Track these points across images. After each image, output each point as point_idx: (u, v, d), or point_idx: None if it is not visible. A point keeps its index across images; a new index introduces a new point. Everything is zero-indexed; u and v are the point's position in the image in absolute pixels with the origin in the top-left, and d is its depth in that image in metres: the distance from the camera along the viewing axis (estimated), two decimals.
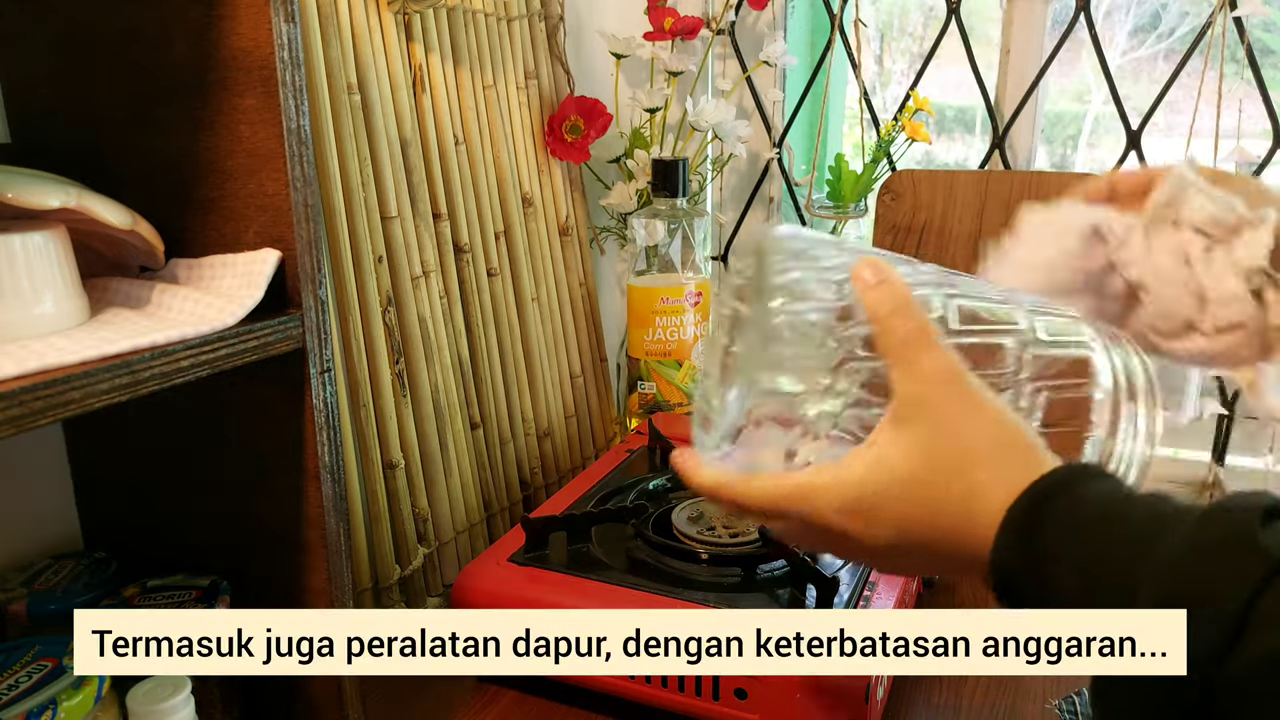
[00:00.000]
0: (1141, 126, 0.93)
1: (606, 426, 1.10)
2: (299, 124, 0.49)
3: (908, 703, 0.67)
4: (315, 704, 0.58)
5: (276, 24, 0.47)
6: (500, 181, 0.91)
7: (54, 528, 0.65)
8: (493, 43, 0.90)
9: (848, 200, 1.02)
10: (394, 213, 0.77)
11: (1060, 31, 0.94)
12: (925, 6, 1.10)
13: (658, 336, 0.99)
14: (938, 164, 1.12)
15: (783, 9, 1.06)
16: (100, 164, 0.54)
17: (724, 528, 0.73)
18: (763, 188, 1.12)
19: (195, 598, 0.56)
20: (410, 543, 0.79)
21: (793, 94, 1.10)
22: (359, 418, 0.75)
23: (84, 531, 0.66)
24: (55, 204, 0.43)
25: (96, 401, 0.40)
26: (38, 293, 0.44)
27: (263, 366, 0.49)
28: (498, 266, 0.91)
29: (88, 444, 0.64)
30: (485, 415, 0.89)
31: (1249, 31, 0.86)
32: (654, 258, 0.99)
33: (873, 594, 0.65)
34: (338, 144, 0.72)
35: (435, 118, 0.83)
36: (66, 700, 0.45)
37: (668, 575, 0.68)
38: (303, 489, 0.53)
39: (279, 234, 0.50)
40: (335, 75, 0.71)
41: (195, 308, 0.47)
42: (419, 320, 0.80)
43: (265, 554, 0.57)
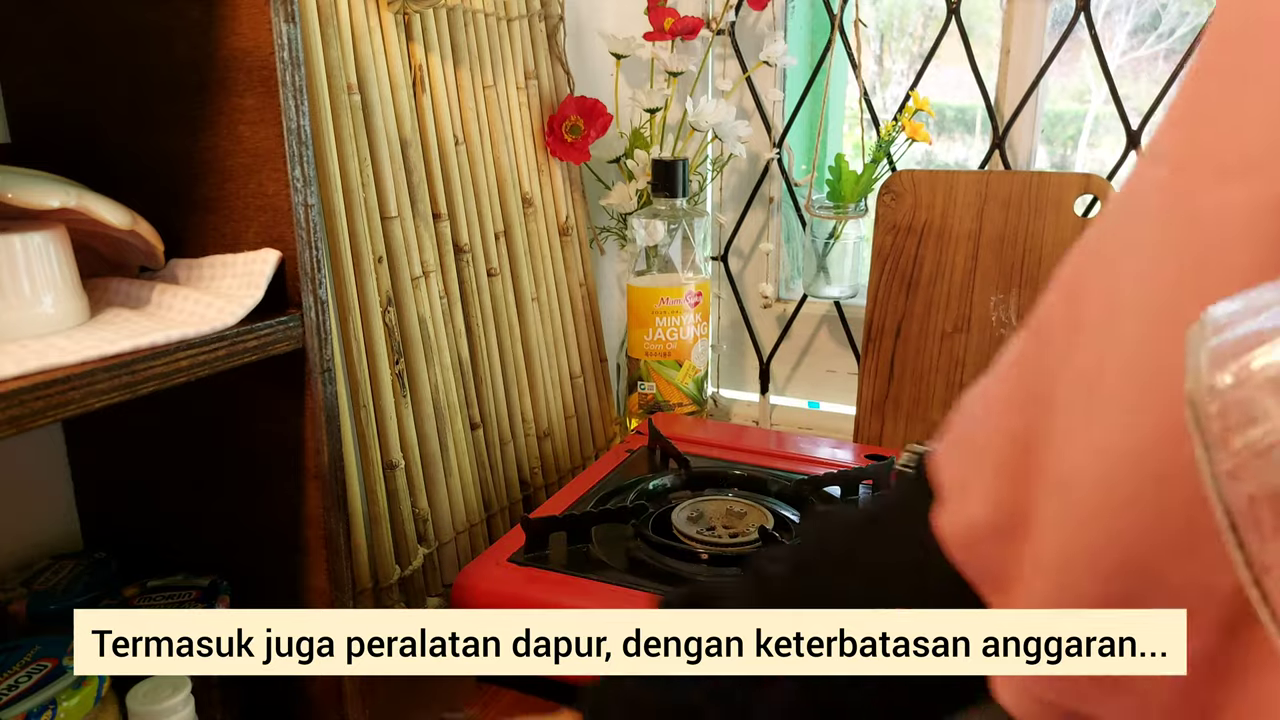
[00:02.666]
0: (1141, 126, 0.93)
1: (606, 426, 1.10)
2: (299, 124, 0.49)
3: None
4: (315, 704, 0.58)
5: (276, 24, 0.47)
6: (500, 181, 0.91)
7: (54, 528, 0.65)
8: (493, 43, 0.90)
9: (848, 200, 1.02)
10: (394, 213, 0.77)
11: (1060, 31, 0.94)
12: (925, 6, 1.10)
13: (658, 337, 0.99)
14: (938, 164, 1.12)
15: (783, 9, 1.06)
16: (100, 164, 0.54)
17: (724, 528, 0.73)
18: (763, 188, 1.12)
19: (195, 598, 0.56)
20: (410, 543, 0.79)
21: (793, 94, 1.10)
22: (359, 418, 0.75)
23: (84, 531, 0.66)
24: (55, 204, 0.43)
25: (96, 401, 0.40)
26: (38, 293, 0.44)
27: (263, 366, 0.49)
28: (498, 266, 0.91)
29: (88, 444, 0.64)
30: (485, 415, 0.89)
31: None
32: (654, 258, 0.99)
33: None
34: (338, 144, 0.72)
35: (435, 118, 0.83)
36: (66, 700, 0.45)
37: (668, 575, 0.68)
38: (303, 489, 0.53)
39: (279, 234, 0.50)
40: (335, 75, 0.71)
41: (195, 308, 0.47)
42: (419, 320, 0.80)
43: (265, 554, 0.57)
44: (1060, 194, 0.93)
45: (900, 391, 1.02)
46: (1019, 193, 0.95)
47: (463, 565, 0.73)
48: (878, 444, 1.03)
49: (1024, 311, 0.95)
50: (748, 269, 1.17)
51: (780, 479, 0.82)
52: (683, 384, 1.01)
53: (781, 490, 0.81)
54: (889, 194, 1.00)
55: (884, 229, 1.01)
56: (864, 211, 1.03)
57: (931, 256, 0.99)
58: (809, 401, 1.19)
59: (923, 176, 0.99)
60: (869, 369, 1.03)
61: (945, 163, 1.12)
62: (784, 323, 1.15)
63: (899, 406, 1.02)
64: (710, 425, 1.01)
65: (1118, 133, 0.94)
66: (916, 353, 1.01)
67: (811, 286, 1.07)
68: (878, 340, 1.02)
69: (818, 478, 0.81)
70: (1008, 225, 0.96)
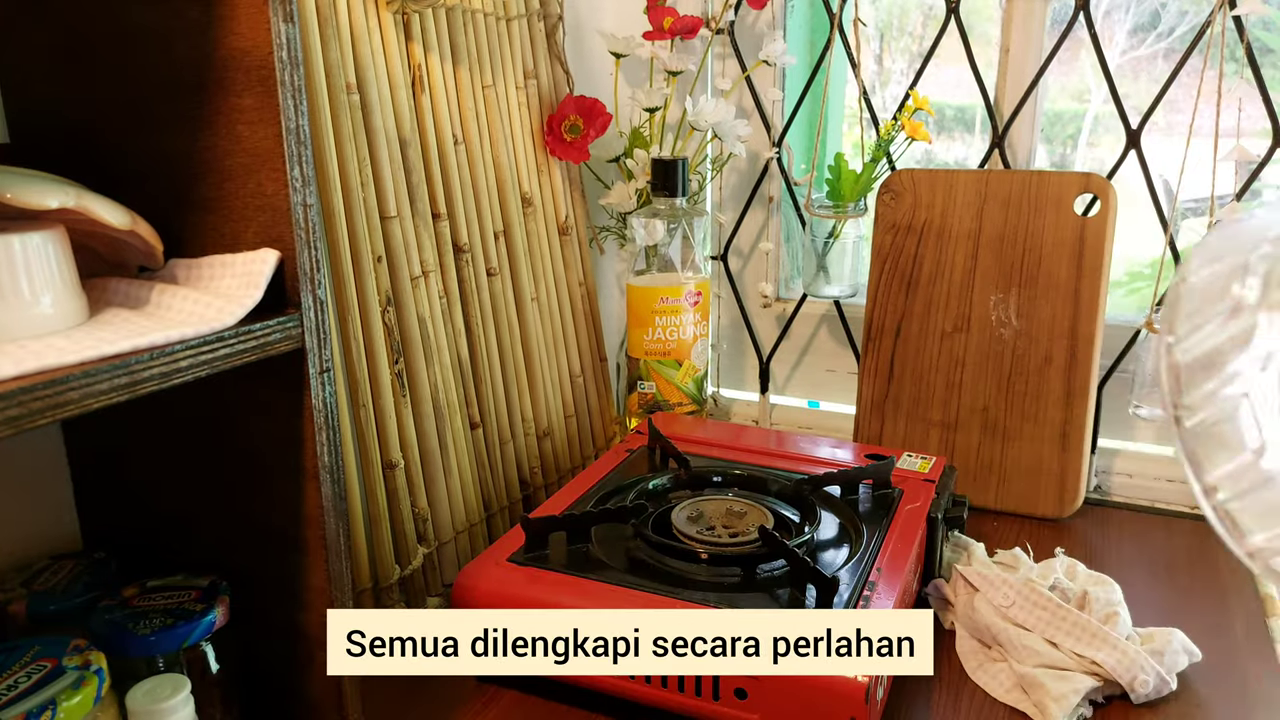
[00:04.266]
0: (1141, 126, 0.93)
1: (606, 426, 1.10)
2: (298, 124, 0.49)
3: (908, 703, 0.67)
4: (315, 704, 0.58)
5: (275, 24, 0.47)
6: (500, 181, 0.91)
7: (54, 528, 0.65)
8: (492, 43, 0.90)
9: (847, 199, 1.02)
10: (393, 213, 0.77)
11: (1060, 31, 0.94)
12: (925, 6, 1.09)
13: (657, 336, 0.99)
14: (938, 163, 1.12)
15: (782, 8, 1.06)
16: (100, 164, 0.54)
17: (724, 528, 0.73)
18: (762, 187, 1.12)
19: (195, 598, 0.56)
20: (410, 543, 0.79)
21: (792, 93, 1.10)
22: (359, 418, 0.75)
23: (84, 531, 0.66)
24: (55, 204, 0.43)
25: (96, 402, 0.40)
26: (37, 293, 0.44)
27: (262, 366, 0.49)
28: (497, 266, 0.91)
29: (88, 444, 0.64)
30: (485, 415, 0.89)
31: (1248, 30, 0.86)
32: (653, 257, 0.99)
33: (872, 594, 0.65)
34: (337, 144, 0.72)
35: (435, 118, 0.83)
36: (66, 700, 0.45)
37: (668, 575, 0.68)
38: (303, 489, 0.53)
39: (278, 234, 0.50)
40: (334, 75, 0.71)
41: (195, 308, 0.47)
42: (418, 320, 0.80)
43: (265, 554, 0.57)
44: (1060, 193, 0.93)
45: (900, 391, 1.02)
46: (1019, 192, 0.95)
47: (462, 565, 0.73)
48: (878, 443, 1.03)
49: (1024, 311, 0.95)
50: (747, 268, 1.17)
51: (780, 479, 0.82)
52: (682, 383, 1.01)
53: (781, 490, 0.81)
54: (889, 193, 1.00)
55: (883, 228, 1.01)
56: (863, 211, 1.03)
57: (931, 256, 0.99)
58: (809, 401, 1.19)
59: (922, 176, 0.99)
60: (869, 368, 1.03)
61: (945, 162, 1.12)
62: (784, 322, 1.15)
63: (899, 406, 1.02)
64: (710, 425, 1.01)
65: (1117, 132, 0.94)
66: (916, 352, 1.01)
67: (811, 286, 1.07)
68: (877, 340, 1.02)
69: (818, 477, 0.81)
70: (1007, 224, 0.96)
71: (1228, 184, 0.90)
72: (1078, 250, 0.92)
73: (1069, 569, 0.77)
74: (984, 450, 0.98)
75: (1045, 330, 0.94)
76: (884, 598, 0.65)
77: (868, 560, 0.69)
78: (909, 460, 0.87)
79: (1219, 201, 0.88)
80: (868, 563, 0.69)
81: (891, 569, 0.68)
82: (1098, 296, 0.92)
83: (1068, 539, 0.91)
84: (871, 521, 0.76)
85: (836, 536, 0.75)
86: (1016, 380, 0.96)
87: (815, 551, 0.73)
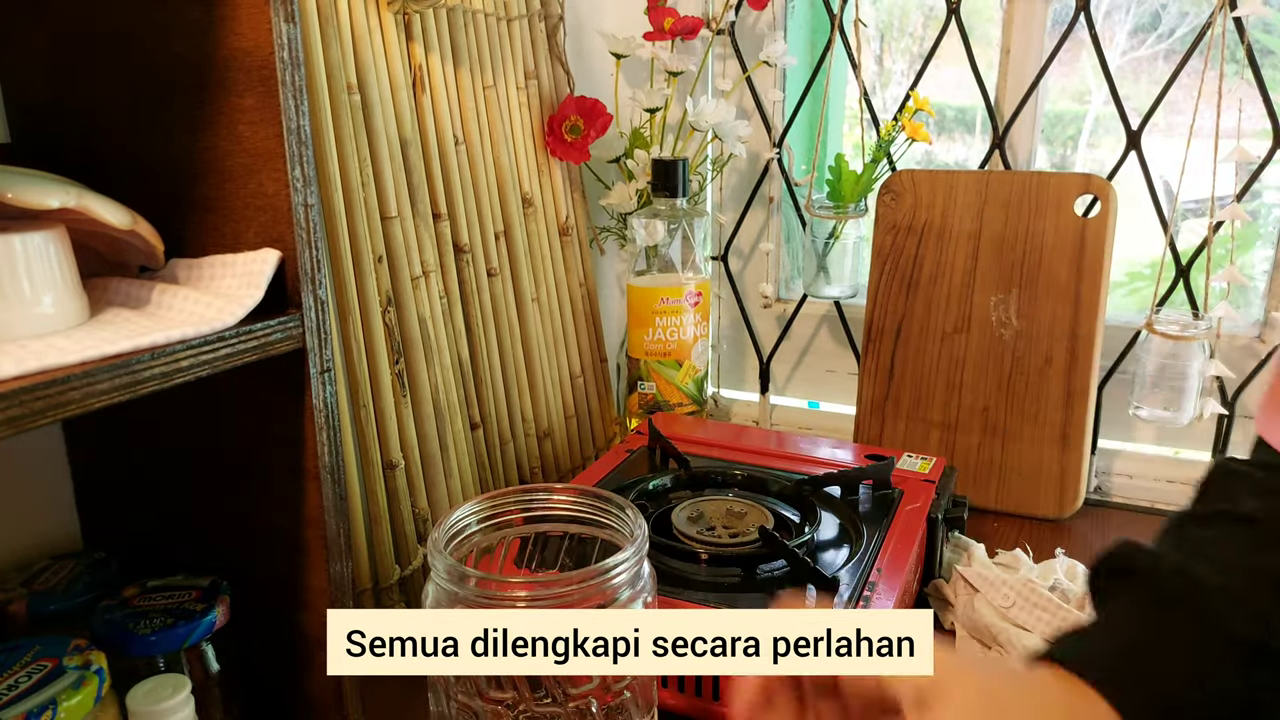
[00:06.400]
0: (1141, 126, 0.93)
1: (606, 426, 1.10)
2: (299, 124, 0.49)
3: None
4: (315, 704, 0.58)
5: (276, 24, 0.47)
6: (500, 182, 0.91)
7: (54, 528, 0.65)
8: (492, 43, 0.90)
9: (848, 200, 1.02)
10: (394, 213, 0.77)
11: (1060, 31, 0.94)
12: (925, 6, 1.10)
13: (658, 336, 0.99)
14: (938, 164, 1.12)
15: (783, 9, 1.06)
16: (100, 164, 0.54)
17: (724, 528, 0.73)
18: (763, 188, 1.12)
19: (195, 598, 0.56)
20: (410, 543, 0.79)
21: (793, 94, 1.10)
22: (359, 418, 0.75)
23: (84, 531, 0.66)
24: (55, 204, 0.43)
25: (96, 402, 0.40)
26: (37, 293, 0.44)
27: (263, 366, 0.49)
28: (498, 266, 0.91)
29: (88, 444, 0.64)
30: (485, 415, 0.89)
31: (1249, 31, 0.86)
32: (654, 258, 0.99)
33: (873, 594, 0.65)
34: (338, 144, 0.72)
35: (435, 118, 0.83)
36: (66, 700, 0.45)
37: (668, 575, 0.68)
38: (303, 489, 0.53)
39: (279, 234, 0.50)
40: (335, 75, 0.71)
41: (195, 308, 0.47)
42: (419, 320, 0.80)
43: (265, 554, 0.57)
44: (1060, 194, 0.93)
45: (900, 391, 1.02)
46: (1019, 193, 0.95)
47: None
48: (878, 444, 1.03)
49: (1024, 311, 0.95)
50: (748, 269, 1.17)
51: (780, 479, 0.82)
52: (683, 384, 1.01)
53: (781, 490, 0.81)
54: (889, 194, 1.00)
55: (884, 229, 1.01)
56: (864, 211, 1.03)
57: (931, 256, 0.99)
58: (809, 401, 1.19)
59: (923, 176, 0.99)
60: (869, 369, 1.03)
61: (945, 163, 1.12)
62: (784, 323, 1.15)
63: (899, 406, 1.02)
64: (710, 425, 1.01)
65: (1118, 133, 0.94)
66: (916, 353, 1.01)
67: (811, 286, 1.07)
68: (878, 340, 1.02)
69: (818, 478, 0.81)
70: (1008, 225, 0.96)
71: (1228, 185, 0.90)
72: (1078, 251, 0.92)
73: (1069, 570, 0.77)
74: (984, 451, 0.98)
75: (1045, 331, 0.94)
76: (884, 598, 0.65)
77: (868, 561, 0.69)
78: (909, 461, 0.87)
79: (1219, 202, 0.88)
80: (868, 563, 0.69)
81: (892, 569, 0.68)
82: (1098, 297, 0.92)
83: (1068, 539, 0.91)
84: (872, 522, 0.76)
85: (837, 537, 0.75)
86: (1017, 381, 0.96)
87: (815, 552, 0.73)
